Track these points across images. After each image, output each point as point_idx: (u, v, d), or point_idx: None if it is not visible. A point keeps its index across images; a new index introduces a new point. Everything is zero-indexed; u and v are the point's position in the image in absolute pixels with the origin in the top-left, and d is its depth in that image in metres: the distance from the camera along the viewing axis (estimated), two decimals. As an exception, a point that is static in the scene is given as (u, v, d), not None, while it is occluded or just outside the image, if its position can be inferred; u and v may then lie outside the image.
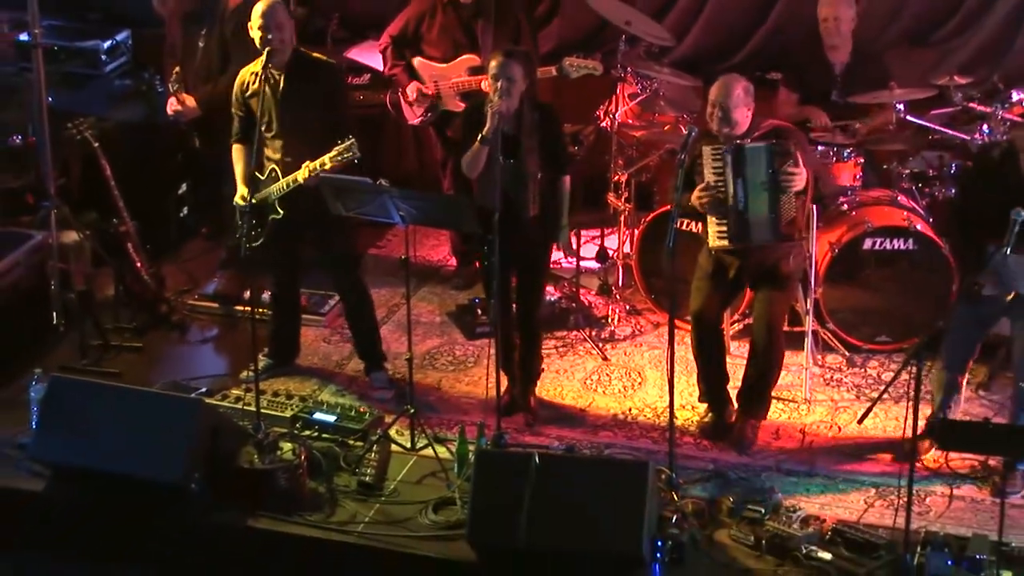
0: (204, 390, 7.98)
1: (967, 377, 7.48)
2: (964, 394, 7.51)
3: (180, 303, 9.01)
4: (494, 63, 7.39)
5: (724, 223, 7.33)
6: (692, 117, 8.77)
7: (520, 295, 7.79)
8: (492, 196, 7.18)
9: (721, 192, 7.28)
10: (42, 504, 7.25)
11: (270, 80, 7.69)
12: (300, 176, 7.57)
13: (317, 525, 7.01)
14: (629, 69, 9.05)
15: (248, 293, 8.60)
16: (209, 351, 8.72)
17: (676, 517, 6.81)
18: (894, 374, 7.13)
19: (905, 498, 6.52)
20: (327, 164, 7.44)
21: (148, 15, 9.50)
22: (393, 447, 7.51)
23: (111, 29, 10.38)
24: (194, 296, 9.10)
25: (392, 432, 7.60)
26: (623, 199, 8.92)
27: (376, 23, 9.69)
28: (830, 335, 8.34)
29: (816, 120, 8.59)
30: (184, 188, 9.85)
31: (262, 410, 7.50)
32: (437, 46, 8.80)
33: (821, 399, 8.02)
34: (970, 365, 7.46)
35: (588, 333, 8.67)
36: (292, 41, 7.72)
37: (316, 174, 7.48)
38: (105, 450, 7.03)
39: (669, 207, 7.67)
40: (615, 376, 8.32)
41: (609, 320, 8.84)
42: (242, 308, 8.80)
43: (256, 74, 7.68)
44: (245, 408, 7.67)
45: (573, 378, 8.29)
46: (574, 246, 8.55)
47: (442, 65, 8.78)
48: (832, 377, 8.22)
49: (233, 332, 8.79)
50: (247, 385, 7.89)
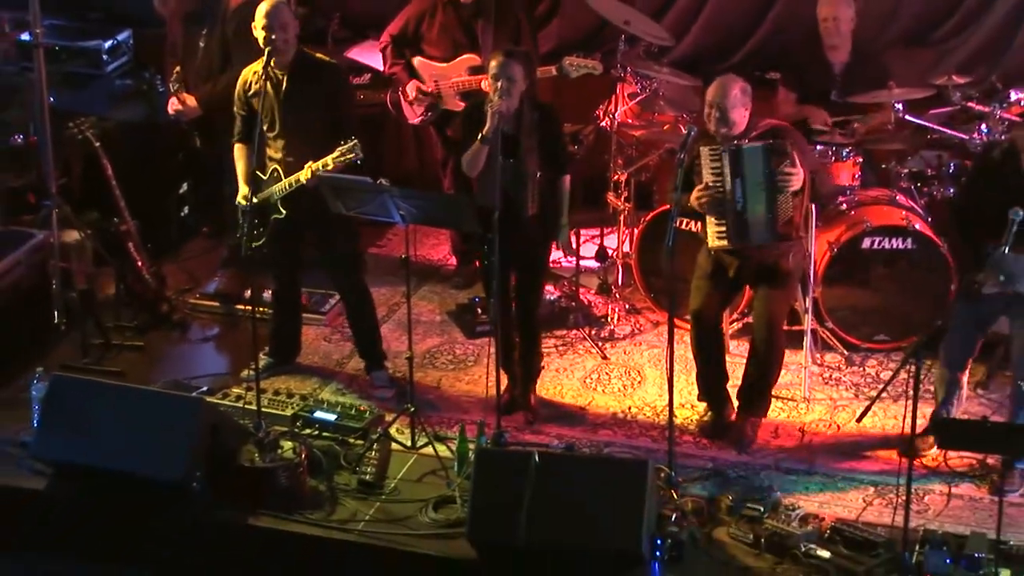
0: (205, 389, 7.99)
1: (967, 375, 7.50)
2: (964, 392, 7.54)
3: (181, 302, 9.01)
4: (494, 63, 7.40)
5: (723, 223, 7.34)
6: (691, 117, 8.77)
7: (519, 294, 7.80)
8: (492, 195, 7.20)
9: (719, 192, 7.28)
10: (43, 502, 7.26)
11: (273, 80, 7.69)
12: (303, 176, 7.58)
13: (318, 523, 7.02)
14: (629, 69, 9.06)
15: (249, 292, 8.60)
16: (210, 350, 8.72)
17: (675, 515, 6.83)
18: (893, 373, 7.14)
19: (904, 496, 6.53)
20: (330, 165, 7.44)
21: (149, 15, 9.50)
22: (393, 445, 7.52)
23: (112, 29, 10.38)
24: (195, 295, 9.11)
25: (392, 431, 7.61)
26: (622, 198, 8.92)
27: (377, 23, 9.69)
28: (829, 334, 8.35)
29: (816, 119, 8.61)
30: (185, 187, 9.86)
31: (263, 409, 7.51)
32: (437, 45, 8.81)
33: (820, 398, 8.03)
34: (970, 363, 7.46)
35: (588, 332, 8.68)
36: (296, 41, 7.73)
37: (319, 175, 7.50)
38: (106, 449, 7.04)
39: (668, 206, 7.68)
40: (615, 375, 8.33)
41: (609, 319, 8.85)
42: (243, 307, 8.81)
43: (259, 74, 7.68)
44: (246, 407, 7.68)
45: (573, 377, 8.30)
46: (574, 245, 8.55)
47: (442, 64, 8.79)
48: (831, 376, 8.23)
49: (234, 331, 8.80)
50: (248, 384, 7.90)
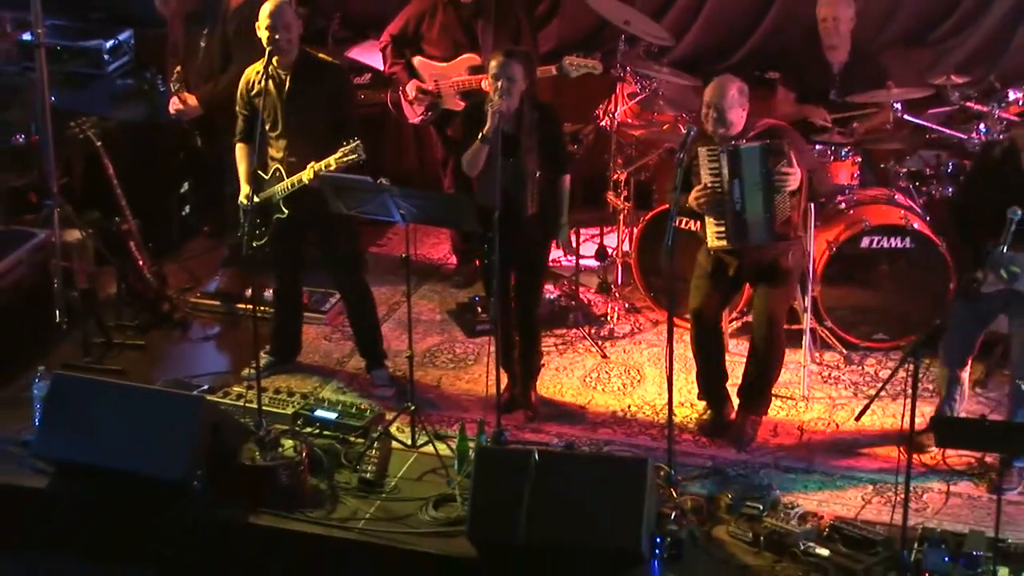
0: (206, 387, 8.00)
1: (968, 372, 7.51)
2: (966, 389, 7.55)
3: (182, 301, 9.02)
4: (494, 63, 7.41)
5: (722, 224, 7.35)
6: (691, 116, 8.76)
7: (519, 293, 7.81)
8: (492, 194, 7.21)
9: (718, 193, 7.30)
10: (45, 501, 7.27)
11: (275, 80, 7.70)
12: (305, 176, 7.58)
13: (318, 522, 7.03)
14: (628, 68, 9.07)
15: (249, 291, 8.61)
16: (211, 349, 8.74)
17: (675, 514, 6.83)
18: (891, 372, 7.14)
19: (902, 495, 6.55)
20: (332, 165, 7.45)
21: (150, 15, 9.52)
22: (394, 444, 7.53)
23: (114, 29, 10.39)
24: (196, 294, 9.12)
25: (393, 429, 7.62)
26: (622, 198, 8.93)
27: (377, 23, 9.70)
28: (828, 333, 8.36)
29: (816, 118, 8.62)
30: (186, 187, 9.86)
31: (263, 407, 7.52)
32: (437, 45, 8.82)
33: (819, 396, 8.04)
34: (971, 360, 7.48)
35: (587, 331, 8.69)
36: (299, 41, 7.74)
37: (321, 175, 7.51)
38: (108, 447, 7.05)
39: (668, 206, 7.68)
40: (614, 373, 8.34)
41: (608, 318, 8.86)
42: (244, 306, 8.82)
43: (261, 73, 7.65)
44: (247, 405, 7.70)
45: (572, 375, 8.32)
46: (573, 244, 8.56)
47: (442, 64, 8.80)
48: (830, 375, 8.25)
49: (235, 330, 8.81)
50: (249, 382, 7.92)
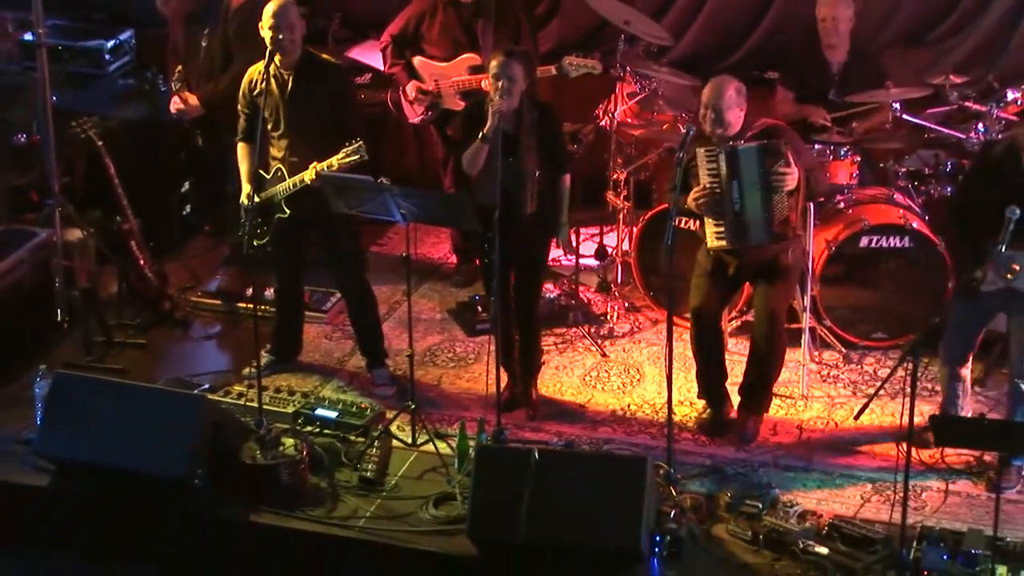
0: (207, 386, 8.01)
1: (969, 369, 7.52)
2: (968, 385, 7.56)
3: (183, 300, 9.03)
4: (495, 63, 7.42)
5: (721, 224, 7.35)
6: (690, 116, 8.75)
7: (518, 292, 7.83)
8: (492, 194, 7.22)
9: (717, 193, 7.31)
10: (46, 500, 7.29)
11: (278, 79, 7.71)
12: (307, 177, 7.59)
13: (319, 520, 7.05)
14: (628, 68, 9.07)
15: (250, 290, 8.62)
16: (212, 348, 8.75)
17: (674, 512, 6.85)
18: (890, 370, 7.16)
19: (901, 493, 6.57)
20: (335, 166, 7.46)
21: (151, 15, 9.50)
22: (394, 443, 7.54)
23: (115, 29, 10.40)
24: (197, 293, 9.13)
25: (393, 428, 7.64)
26: (622, 197, 8.93)
27: (377, 23, 9.71)
28: (827, 332, 8.37)
29: (815, 118, 8.64)
30: (187, 186, 9.87)
31: (264, 406, 7.53)
32: (438, 45, 8.83)
33: (818, 395, 8.06)
34: (971, 358, 7.49)
35: (587, 330, 8.71)
36: (302, 41, 7.74)
37: (323, 175, 7.51)
38: (109, 446, 7.06)
39: (667, 205, 7.70)
40: (614, 372, 8.35)
41: (608, 317, 8.87)
42: (244, 305, 8.82)
43: (268, 72, 7.63)
44: (247, 404, 7.70)
45: (572, 374, 8.33)
46: (573, 243, 8.58)
47: (442, 64, 8.81)
48: (829, 373, 8.26)
49: (235, 329, 8.81)
50: (249, 381, 7.93)
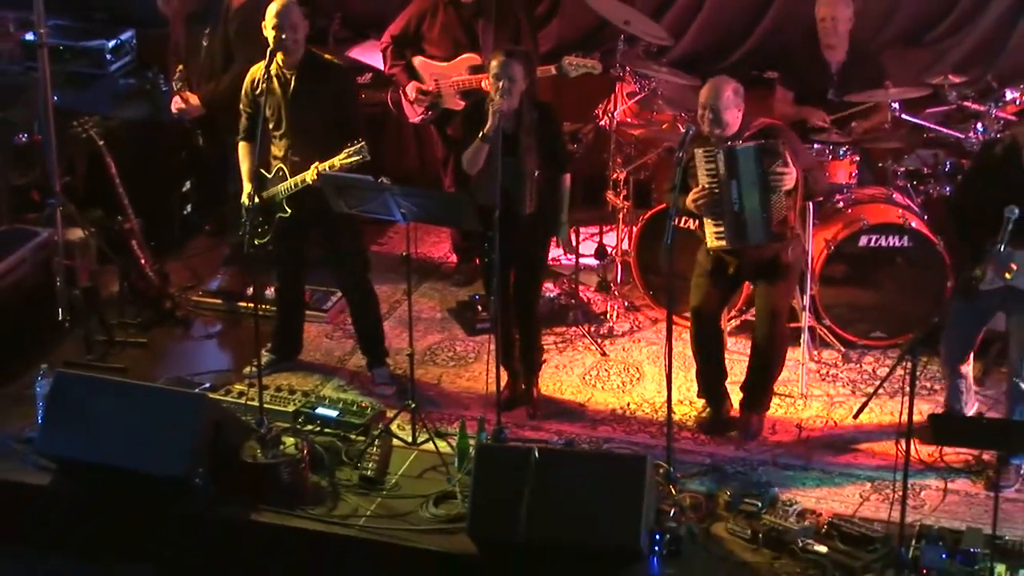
0: (208, 385, 8.03)
1: (970, 366, 7.53)
2: (971, 382, 7.58)
3: (184, 299, 9.03)
4: (495, 63, 7.43)
5: (720, 224, 7.36)
6: (690, 116, 8.74)
7: (518, 291, 7.84)
8: (492, 193, 7.24)
9: (715, 194, 7.32)
10: (47, 499, 7.30)
11: (280, 79, 7.72)
12: (309, 176, 7.60)
13: (319, 519, 7.06)
14: (628, 68, 9.08)
15: (251, 289, 8.62)
16: (213, 347, 8.76)
17: (674, 511, 6.87)
18: (889, 369, 7.18)
19: (900, 492, 6.59)
20: (336, 166, 7.47)
21: (152, 15, 9.52)
22: (394, 442, 7.55)
23: (116, 29, 10.41)
24: (198, 292, 9.14)
25: (393, 427, 7.65)
26: (621, 197, 8.94)
27: (377, 23, 9.73)
28: (826, 331, 8.38)
29: (814, 117, 8.65)
30: (188, 185, 9.87)
31: (265, 405, 7.54)
32: (438, 45, 8.84)
33: (817, 394, 8.07)
34: (971, 355, 7.50)
35: (587, 329, 8.72)
36: (304, 41, 7.74)
37: (324, 175, 7.51)
38: (110, 445, 7.07)
39: (666, 205, 7.72)
40: (614, 371, 8.37)
41: (608, 316, 8.88)
42: (245, 304, 8.82)
43: (269, 72, 7.63)
44: (248, 403, 7.71)
45: (572, 373, 8.34)
46: (573, 243, 8.59)
47: (443, 64, 8.82)
48: (828, 373, 8.27)
49: (236, 328, 8.82)
50: (250, 380, 7.94)
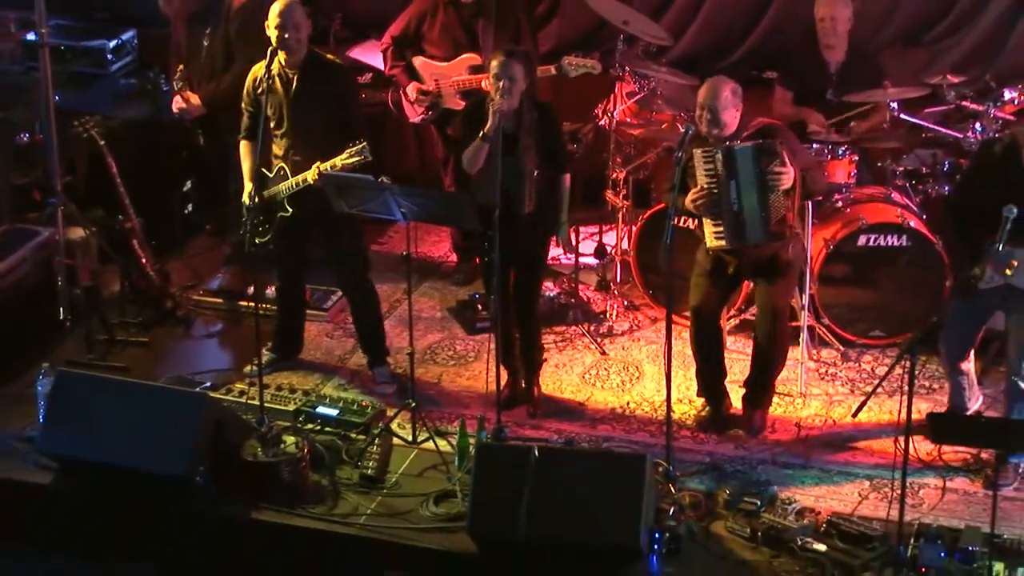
0: (208, 384, 8.04)
1: (971, 363, 7.54)
2: (973, 378, 7.60)
3: (185, 299, 9.04)
4: (495, 63, 7.44)
5: (719, 224, 7.37)
6: (689, 115, 8.71)
7: (518, 290, 7.85)
8: (491, 192, 7.25)
9: (714, 194, 7.33)
10: (48, 498, 7.31)
11: (283, 78, 7.73)
12: (310, 176, 7.61)
13: (320, 517, 7.07)
14: (627, 68, 9.09)
15: (252, 288, 8.62)
16: (213, 346, 8.77)
17: (673, 509, 6.88)
18: (888, 368, 7.19)
19: (899, 490, 6.60)
20: (338, 166, 7.48)
21: (153, 15, 9.55)
22: (395, 440, 7.56)
23: (117, 29, 10.43)
24: (199, 292, 9.15)
25: (394, 426, 7.66)
26: (621, 196, 8.95)
27: (378, 23, 9.75)
28: (825, 330, 8.40)
29: (812, 120, 8.66)
30: (188, 185, 9.89)
31: (266, 404, 7.55)
32: (438, 45, 8.85)
33: (816, 393, 8.08)
34: (971, 353, 7.52)
35: (587, 328, 8.73)
36: (307, 41, 7.75)
37: (326, 174, 7.53)
38: (111, 443, 7.08)
39: (666, 204, 7.73)
40: (613, 370, 8.38)
41: (607, 315, 8.90)
42: (246, 303, 8.83)
43: (270, 71, 7.62)
44: (249, 402, 7.73)
45: (572, 372, 8.35)
46: (573, 242, 8.60)
47: (443, 64, 8.83)
48: (827, 372, 8.28)
49: (237, 327, 8.83)
50: (251, 379, 7.94)
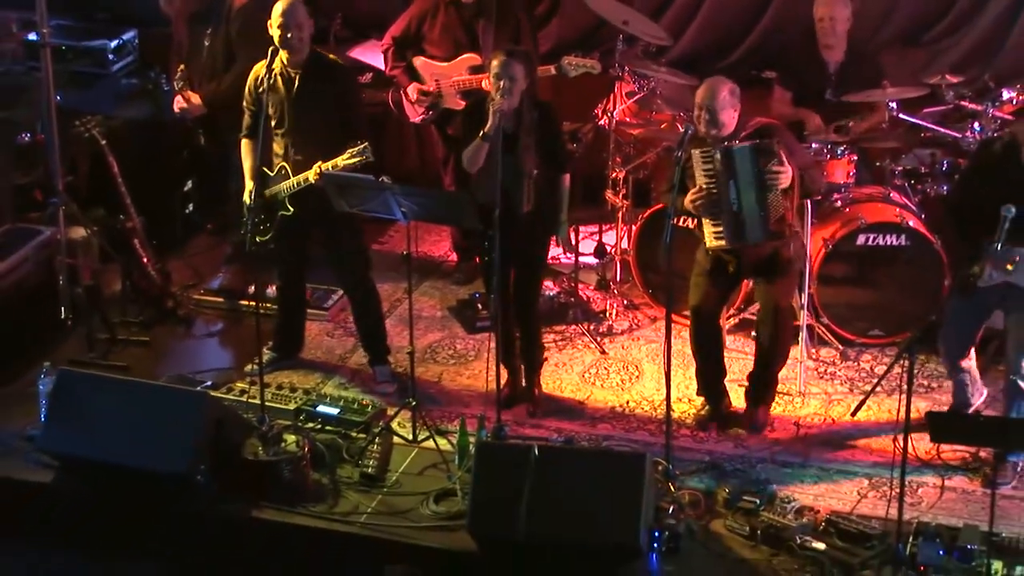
0: (209, 383, 8.05)
1: (972, 360, 7.56)
2: (976, 374, 7.62)
3: (186, 298, 9.06)
4: (496, 62, 7.46)
5: (719, 224, 7.39)
6: (688, 115, 8.72)
7: (518, 289, 7.86)
8: (491, 192, 7.27)
9: (713, 194, 7.35)
10: (50, 496, 7.32)
11: (285, 77, 7.75)
12: (311, 176, 7.63)
13: (320, 516, 7.08)
14: (627, 68, 9.10)
15: (253, 288, 8.62)
16: (214, 345, 8.78)
17: (673, 508, 6.90)
18: (887, 368, 7.19)
19: (898, 489, 6.62)
20: (339, 166, 7.49)
21: (154, 15, 9.58)
22: (395, 439, 7.58)
23: (118, 29, 10.45)
24: (199, 291, 9.16)
25: (394, 424, 7.68)
26: (621, 196, 8.97)
27: (378, 23, 9.76)
28: (824, 329, 8.41)
29: (809, 122, 8.68)
30: (189, 185, 9.90)
31: (266, 403, 7.56)
32: (439, 45, 8.87)
33: (815, 392, 8.10)
34: (971, 350, 7.53)
35: (586, 327, 8.74)
36: (310, 40, 7.78)
37: (326, 174, 7.54)
38: (112, 442, 7.09)
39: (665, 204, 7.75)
40: (613, 369, 8.39)
41: (607, 314, 8.92)
42: (247, 303, 8.84)
43: (271, 70, 7.64)
44: (250, 401, 7.74)
45: (572, 371, 8.37)
46: (573, 242, 8.62)
47: (443, 64, 8.84)
48: (826, 371, 8.30)
49: (238, 326, 8.84)
50: (252, 378, 7.96)
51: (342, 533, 7.03)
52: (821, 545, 6.75)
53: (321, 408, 7.76)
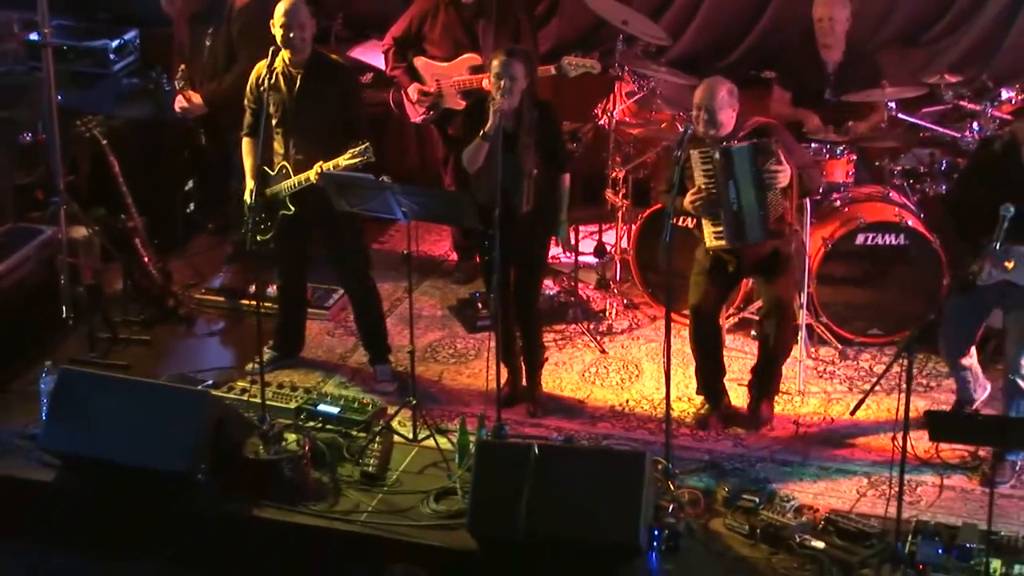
0: (210, 382, 8.06)
1: (972, 358, 7.57)
2: (978, 370, 7.62)
3: (187, 297, 9.07)
4: (496, 62, 7.47)
5: (719, 224, 7.40)
6: (688, 115, 8.73)
7: (518, 289, 7.86)
8: (491, 192, 7.29)
9: (712, 194, 7.36)
10: (51, 495, 7.33)
11: (286, 77, 7.76)
12: (312, 175, 7.63)
13: (321, 514, 7.09)
14: (626, 68, 9.11)
15: (253, 287, 8.63)
16: (215, 344, 8.79)
17: (672, 506, 6.90)
18: (886, 366, 7.20)
19: (897, 488, 6.64)
20: (341, 166, 7.50)
21: (156, 15, 9.57)
22: (395, 438, 7.58)
23: (119, 29, 10.45)
24: (200, 290, 9.17)
25: (395, 423, 7.68)
26: (620, 195, 8.98)
27: (379, 23, 9.77)
28: (823, 328, 8.42)
29: (808, 122, 8.69)
30: (191, 184, 9.90)
31: (267, 402, 7.57)
32: (439, 45, 8.88)
33: (815, 391, 8.11)
34: (971, 349, 7.54)
35: (586, 326, 8.75)
36: (312, 40, 7.79)
37: (327, 174, 7.55)
38: (113, 441, 7.10)
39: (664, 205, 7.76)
40: (613, 369, 8.40)
41: (607, 314, 8.93)
42: (248, 302, 8.84)
43: (272, 69, 7.65)
44: (250, 400, 7.75)
45: (572, 370, 8.37)
46: (572, 241, 8.63)
47: (444, 64, 8.85)
48: (825, 370, 8.31)
49: (239, 325, 8.85)
50: (252, 377, 7.96)
51: (343, 532, 7.03)
52: (820, 544, 6.75)
53: (322, 407, 7.76)
